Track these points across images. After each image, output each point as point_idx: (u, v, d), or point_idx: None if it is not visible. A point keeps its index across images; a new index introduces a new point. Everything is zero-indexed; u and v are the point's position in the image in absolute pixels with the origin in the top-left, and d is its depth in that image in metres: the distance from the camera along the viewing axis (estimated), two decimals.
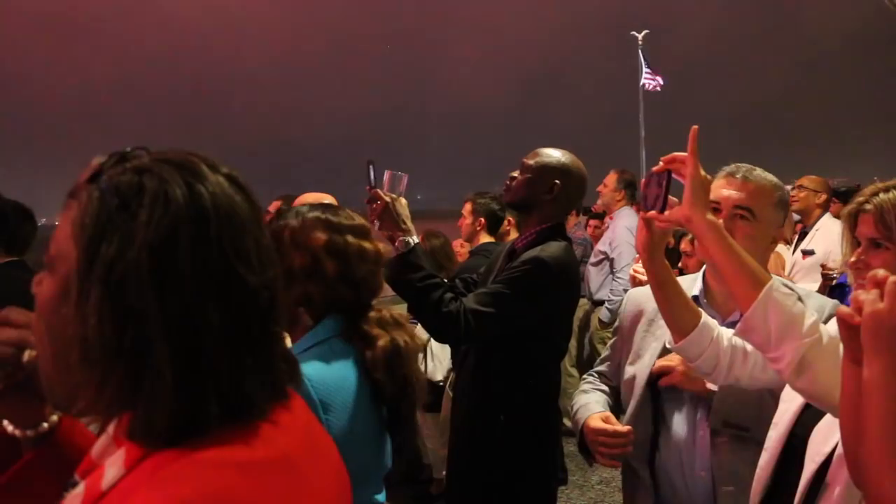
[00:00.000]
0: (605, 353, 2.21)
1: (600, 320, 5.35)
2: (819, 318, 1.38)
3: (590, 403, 2.01)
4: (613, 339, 2.15)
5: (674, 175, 1.46)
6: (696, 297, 1.90)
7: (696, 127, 1.44)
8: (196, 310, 0.72)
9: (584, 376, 2.25)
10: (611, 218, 5.64)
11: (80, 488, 0.74)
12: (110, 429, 0.77)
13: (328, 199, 2.98)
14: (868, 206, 1.37)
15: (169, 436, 0.71)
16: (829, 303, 1.74)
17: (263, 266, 0.78)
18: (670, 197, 1.47)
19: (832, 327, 1.20)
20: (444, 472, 4.10)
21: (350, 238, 1.60)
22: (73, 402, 0.76)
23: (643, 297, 2.01)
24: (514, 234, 4.30)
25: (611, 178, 5.47)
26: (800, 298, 1.48)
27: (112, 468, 0.72)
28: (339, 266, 1.57)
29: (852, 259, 1.38)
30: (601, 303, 5.35)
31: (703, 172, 1.43)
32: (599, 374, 2.21)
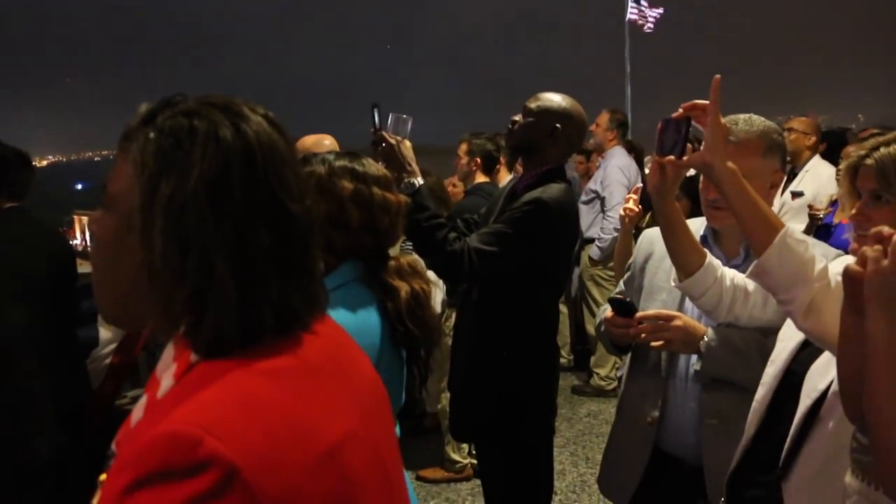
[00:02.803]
0: (619, 287, 2.29)
1: (590, 258, 5.42)
2: (827, 264, 1.44)
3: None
4: (627, 274, 2.21)
5: (693, 121, 1.51)
6: (703, 238, 1.97)
7: (718, 76, 1.49)
8: (249, 233, 0.80)
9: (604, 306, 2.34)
10: (601, 157, 5.66)
11: (144, 399, 0.84)
12: (170, 348, 0.85)
13: (328, 139, 2.98)
14: (869, 161, 1.40)
15: (227, 347, 0.80)
16: (832, 251, 1.79)
17: (302, 195, 0.87)
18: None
19: (838, 270, 1.25)
20: (438, 406, 4.25)
21: (375, 189, 1.64)
22: (140, 322, 0.88)
23: (655, 235, 2.07)
24: (504, 174, 4.38)
25: (603, 118, 5.47)
26: None
27: (166, 380, 0.82)
28: (364, 216, 1.62)
29: (853, 212, 1.42)
30: (591, 241, 5.40)
31: (722, 120, 1.48)
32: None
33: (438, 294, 4.07)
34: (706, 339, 1.84)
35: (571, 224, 2.52)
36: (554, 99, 2.51)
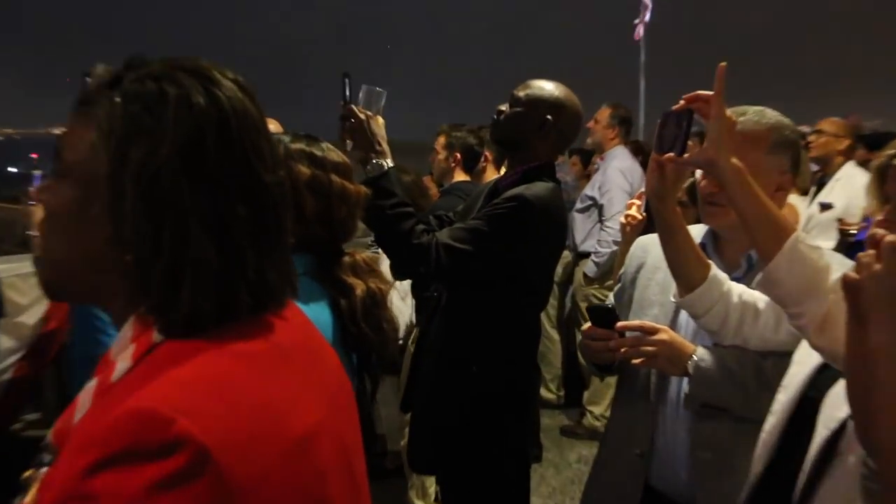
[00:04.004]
0: (608, 300, 2.32)
1: (585, 275, 5.38)
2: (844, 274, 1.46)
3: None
4: (618, 286, 2.25)
5: (696, 115, 1.55)
6: (702, 246, 1.99)
7: (723, 64, 1.52)
8: (225, 203, 0.87)
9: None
10: (601, 158, 5.69)
11: (93, 382, 0.88)
12: (127, 328, 0.90)
13: (273, 124, 2.99)
14: None
15: (202, 325, 0.86)
16: (851, 263, 1.81)
17: (275, 165, 0.94)
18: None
19: None
20: (401, 443, 4.23)
21: (334, 177, 1.73)
22: (89, 297, 0.96)
23: (650, 242, 2.11)
24: (491, 173, 4.35)
25: (603, 114, 5.52)
26: None
27: (122, 362, 0.86)
28: (320, 205, 1.70)
29: (879, 217, 1.45)
30: (587, 255, 5.40)
31: (729, 113, 1.52)
32: None
33: (405, 309, 4.08)
34: (695, 358, 1.86)
35: (557, 227, 2.57)
36: (546, 87, 2.57)
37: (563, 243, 2.70)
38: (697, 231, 2.04)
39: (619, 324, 1.92)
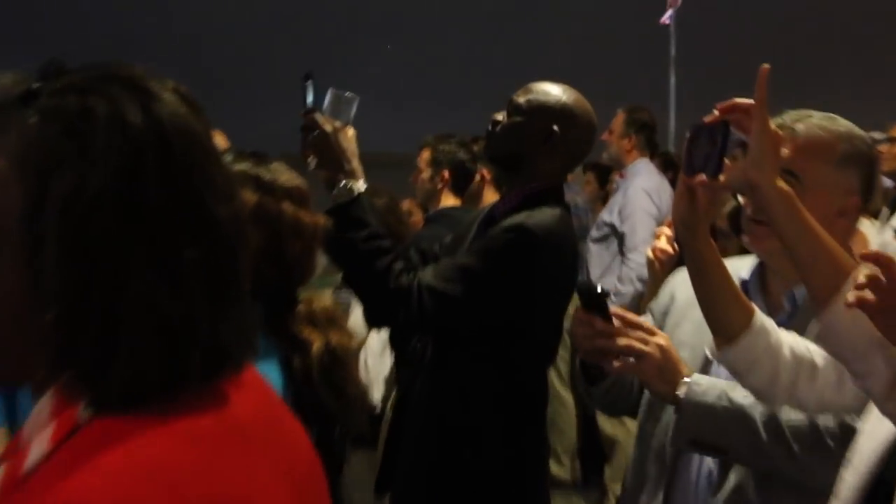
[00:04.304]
0: None
1: None
2: None
3: None
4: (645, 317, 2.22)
5: (732, 128, 1.56)
6: (744, 285, 2.00)
7: (766, 66, 1.54)
8: (171, 246, 0.84)
9: None
10: (621, 176, 5.67)
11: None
12: (45, 402, 0.86)
13: (218, 138, 3.00)
14: None
15: (141, 398, 0.83)
16: None
17: (230, 195, 0.92)
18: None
19: None
20: None
21: (286, 205, 1.72)
22: (21, 376, 0.91)
23: (678, 281, 2.11)
24: (489, 195, 4.33)
25: (617, 121, 5.53)
26: None
27: (37, 446, 0.83)
28: (268, 239, 1.68)
29: None
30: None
31: (773, 125, 1.53)
32: None
33: (382, 368, 4.05)
34: (688, 381, 1.85)
35: (567, 263, 2.57)
36: (551, 92, 2.58)
37: (574, 282, 2.69)
38: (742, 265, 2.05)
39: (614, 310, 1.91)
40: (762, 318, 1.72)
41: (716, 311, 1.72)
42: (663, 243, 2.76)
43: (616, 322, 1.89)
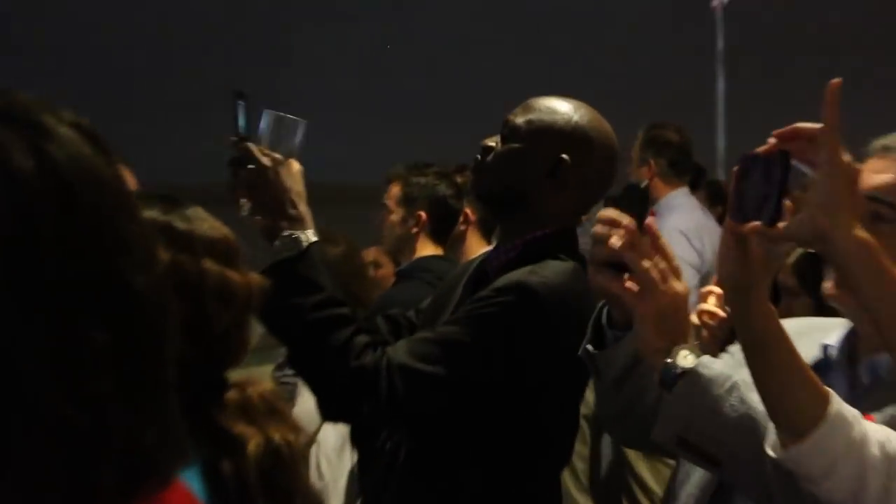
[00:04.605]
0: None
1: None
2: None
3: None
4: None
5: (794, 160, 1.54)
6: (825, 352, 2.01)
7: (837, 81, 1.52)
8: (74, 328, 0.81)
9: None
10: (651, 214, 5.67)
11: None
12: None
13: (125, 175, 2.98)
14: None
15: None
16: None
17: (150, 260, 0.91)
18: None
19: None
20: None
21: (209, 263, 1.68)
22: None
23: (728, 358, 2.07)
24: (473, 243, 4.36)
25: (636, 145, 5.59)
26: None
27: None
28: (186, 309, 1.61)
29: None
30: None
31: (847, 156, 1.51)
32: None
33: (341, 470, 4.02)
34: (689, 354, 1.82)
35: (582, 333, 2.47)
36: (559, 109, 2.56)
37: None
38: (828, 327, 2.07)
39: (652, 224, 1.92)
40: (840, 406, 1.68)
41: (777, 398, 1.69)
42: (712, 305, 2.75)
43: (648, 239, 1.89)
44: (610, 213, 1.92)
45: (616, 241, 1.87)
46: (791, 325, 1.80)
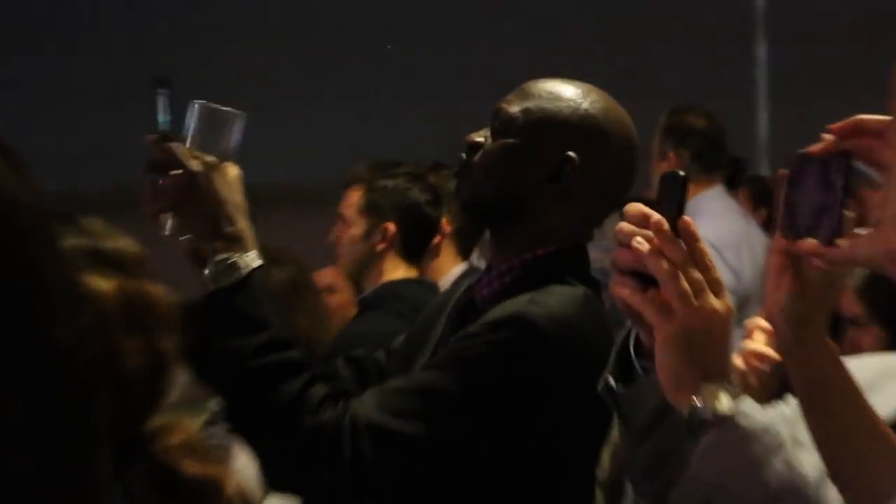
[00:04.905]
0: None
1: None
2: None
3: None
4: None
5: (856, 161, 1.52)
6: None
7: None
8: None
9: None
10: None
11: None
12: None
13: None
14: None
15: None
16: None
17: (74, 306, 0.92)
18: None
19: None
20: None
21: (106, 283, 1.67)
22: None
23: (785, 409, 2.06)
24: (448, 259, 4.42)
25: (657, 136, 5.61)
26: None
27: None
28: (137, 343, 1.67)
29: None
30: None
31: None
32: None
33: None
34: (727, 403, 1.76)
35: (598, 375, 2.47)
36: (564, 95, 2.57)
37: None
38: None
39: (688, 223, 1.81)
40: None
41: (844, 456, 1.69)
42: (760, 345, 2.70)
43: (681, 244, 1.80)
44: (638, 207, 1.85)
45: (640, 243, 1.82)
46: (862, 368, 1.80)
